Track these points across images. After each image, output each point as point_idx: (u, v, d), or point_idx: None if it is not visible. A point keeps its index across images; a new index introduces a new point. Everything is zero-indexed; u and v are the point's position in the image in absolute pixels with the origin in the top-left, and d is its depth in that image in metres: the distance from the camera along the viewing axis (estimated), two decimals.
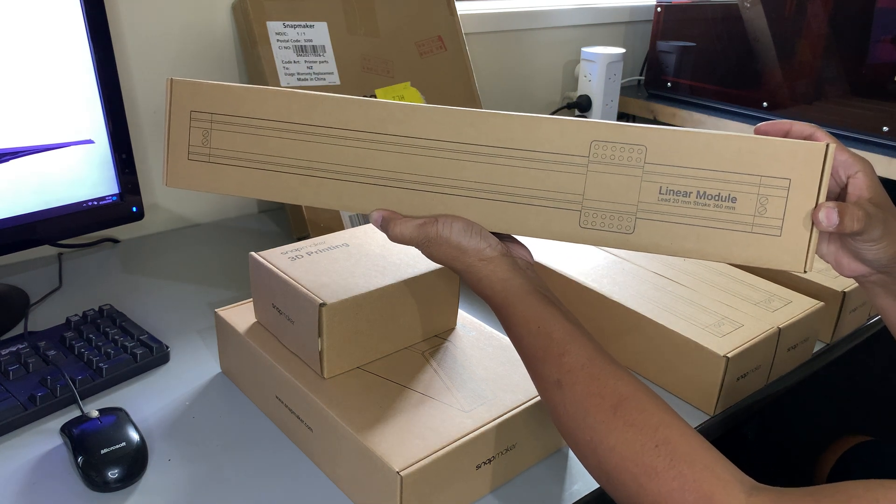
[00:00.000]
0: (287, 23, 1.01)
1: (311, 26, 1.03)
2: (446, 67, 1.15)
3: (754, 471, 0.45)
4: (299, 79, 1.01)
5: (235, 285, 0.92)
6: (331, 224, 0.99)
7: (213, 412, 0.68)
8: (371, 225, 0.74)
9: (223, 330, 0.72)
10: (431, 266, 0.67)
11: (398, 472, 0.52)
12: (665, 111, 1.52)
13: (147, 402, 0.69)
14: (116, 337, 0.75)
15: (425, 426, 0.57)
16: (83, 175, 0.84)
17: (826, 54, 1.29)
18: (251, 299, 0.71)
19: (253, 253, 0.69)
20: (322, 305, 0.60)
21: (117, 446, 0.60)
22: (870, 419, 1.20)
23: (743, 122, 1.40)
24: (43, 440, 0.64)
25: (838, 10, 1.27)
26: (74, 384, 0.67)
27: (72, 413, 0.66)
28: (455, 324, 0.72)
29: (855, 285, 0.84)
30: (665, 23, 1.52)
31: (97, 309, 0.79)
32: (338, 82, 1.04)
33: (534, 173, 0.55)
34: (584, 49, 1.45)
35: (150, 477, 0.60)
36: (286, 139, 0.58)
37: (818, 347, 0.85)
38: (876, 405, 1.23)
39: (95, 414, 0.63)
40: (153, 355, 0.74)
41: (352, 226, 1.01)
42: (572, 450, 0.50)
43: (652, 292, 0.79)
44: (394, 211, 0.57)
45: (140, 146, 1.01)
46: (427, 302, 0.68)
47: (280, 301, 0.65)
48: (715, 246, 0.53)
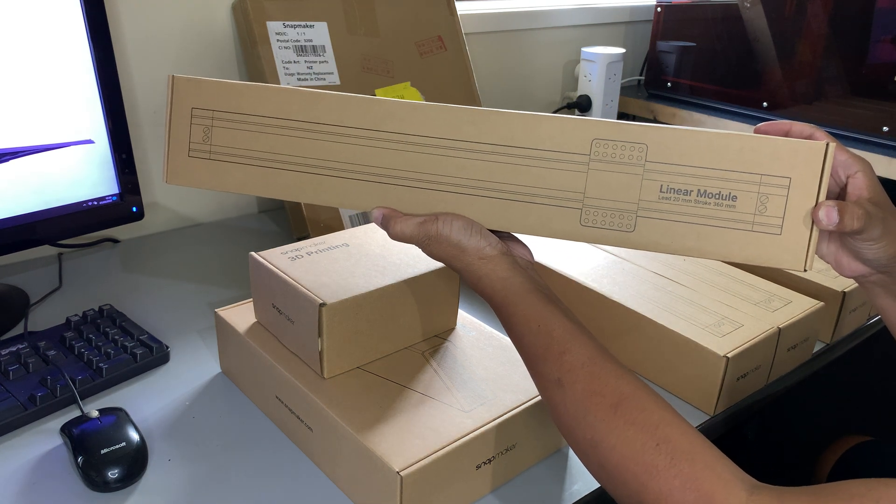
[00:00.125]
0: (287, 23, 1.01)
1: (311, 26, 1.03)
2: (446, 67, 1.15)
3: (754, 471, 0.45)
4: (299, 79, 1.01)
5: (235, 285, 0.92)
6: (331, 224, 0.99)
7: (213, 412, 0.69)
8: (371, 225, 0.75)
9: (223, 330, 0.72)
10: (431, 266, 0.67)
11: (398, 472, 0.52)
12: (665, 111, 1.52)
13: (147, 402, 0.69)
14: (116, 337, 0.75)
15: (425, 426, 0.57)
16: (83, 175, 0.84)
17: (826, 54, 1.29)
18: (251, 299, 0.71)
19: (253, 253, 0.69)
20: (322, 305, 0.60)
21: (117, 446, 0.60)
22: (870, 419, 1.20)
23: (743, 122, 1.40)
24: (43, 440, 0.64)
25: (838, 10, 1.27)
26: (74, 384, 0.68)
27: (72, 413, 0.66)
28: (455, 324, 0.72)
29: (855, 285, 0.84)
30: (665, 23, 1.53)
31: (97, 309, 0.79)
32: (338, 82, 1.04)
33: (535, 171, 0.55)
34: (584, 49, 1.45)
35: (150, 477, 0.60)
36: (287, 136, 0.58)
37: (818, 347, 0.85)
38: (876, 405, 1.23)
39: (95, 414, 0.63)
40: (153, 355, 0.74)
41: (352, 225, 1.01)
42: (572, 449, 0.50)
43: (652, 292, 0.79)
44: (394, 209, 0.57)
45: (140, 146, 1.01)
46: (427, 302, 0.68)
47: (280, 301, 0.65)
48: (715, 244, 0.53)
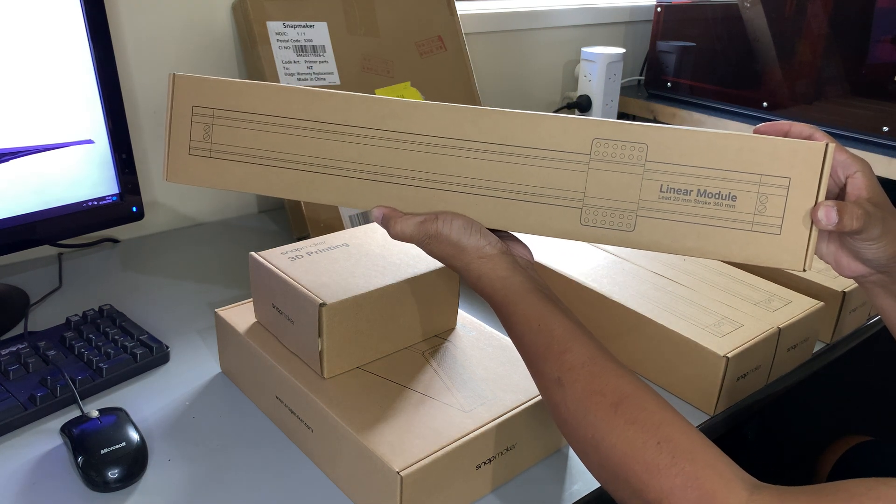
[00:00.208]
0: (287, 23, 1.01)
1: (311, 26, 1.03)
2: (446, 67, 1.15)
3: (754, 471, 0.45)
4: (299, 79, 1.01)
5: (235, 285, 0.92)
6: (331, 224, 0.99)
7: (213, 412, 0.68)
8: (371, 225, 0.75)
9: (223, 330, 0.72)
10: (431, 266, 0.67)
11: (398, 472, 0.52)
12: (665, 111, 1.52)
13: (147, 402, 0.69)
14: (116, 337, 0.75)
15: (425, 426, 0.57)
16: (83, 175, 0.84)
17: (826, 54, 1.29)
18: (251, 299, 0.71)
19: (253, 253, 0.69)
20: (322, 305, 0.60)
21: (117, 446, 0.60)
22: (870, 419, 1.20)
23: (743, 122, 1.40)
24: (43, 440, 0.64)
25: (838, 10, 1.27)
26: (74, 384, 0.68)
27: (72, 413, 0.66)
28: (455, 324, 0.72)
29: (855, 285, 0.84)
30: (665, 23, 1.52)
31: (97, 309, 0.79)
32: (338, 82, 1.04)
33: (535, 170, 0.55)
34: (584, 49, 1.45)
35: (150, 477, 0.60)
36: (288, 135, 0.58)
37: (818, 347, 0.85)
38: (876, 405, 1.23)
39: (95, 414, 0.63)
40: (153, 355, 0.74)
41: (352, 225, 1.01)
42: (573, 448, 0.50)
43: (652, 292, 0.79)
44: (394, 208, 0.57)
45: (140, 146, 1.01)
46: (427, 302, 0.68)
47: (280, 301, 0.65)
48: (715, 244, 0.53)
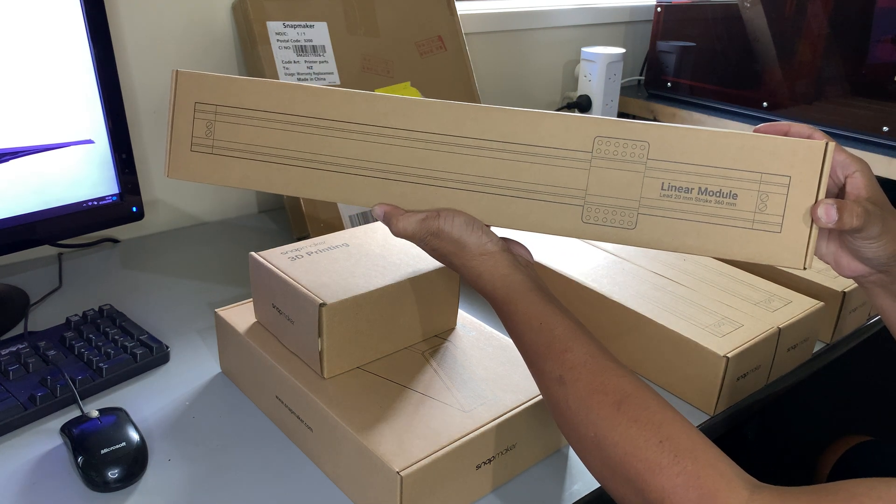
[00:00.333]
0: (287, 23, 1.01)
1: (311, 26, 1.03)
2: (446, 67, 1.15)
3: (754, 471, 0.45)
4: (299, 78, 1.01)
5: (235, 285, 0.92)
6: (331, 223, 0.99)
7: (213, 412, 0.68)
8: (371, 225, 0.75)
9: (223, 330, 0.72)
10: (431, 266, 0.67)
11: (398, 472, 0.52)
12: (665, 111, 1.52)
13: (147, 402, 0.69)
14: (116, 337, 0.75)
15: (425, 426, 0.57)
16: (83, 175, 0.84)
17: (826, 54, 1.29)
18: (251, 299, 0.71)
19: (253, 253, 0.69)
20: (322, 305, 0.60)
21: (117, 446, 0.60)
22: (870, 419, 1.20)
23: (743, 122, 1.40)
24: (43, 440, 0.64)
25: (838, 10, 1.27)
26: (74, 384, 0.67)
27: (72, 413, 0.66)
28: (455, 324, 0.72)
29: (855, 285, 0.84)
30: (665, 23, 1.52)
31: (97, 309, 0.79)
32: (338, 82, 1.04)
33: (536, 168, 0.55)
34: (584, 49, 1.45)
35: (150, 477, 0.60)
36: (290, 132, 0.58)
37: (818, 347, 0.85)
38: (876, 405, 1.23)
39: (95, 414, 0.63)
40: (153, 355, 0.74)
41: (352, 225, 1.01)
42: (573, 447, 0.50)
43: (652, 292, 0.79)
44: (395, 206, 0.57)
45: (140, 146, 1.01)
46: (427, 302, 0.68)
47: (280, 301, 0.65)
48: (715, 242, 0.53)
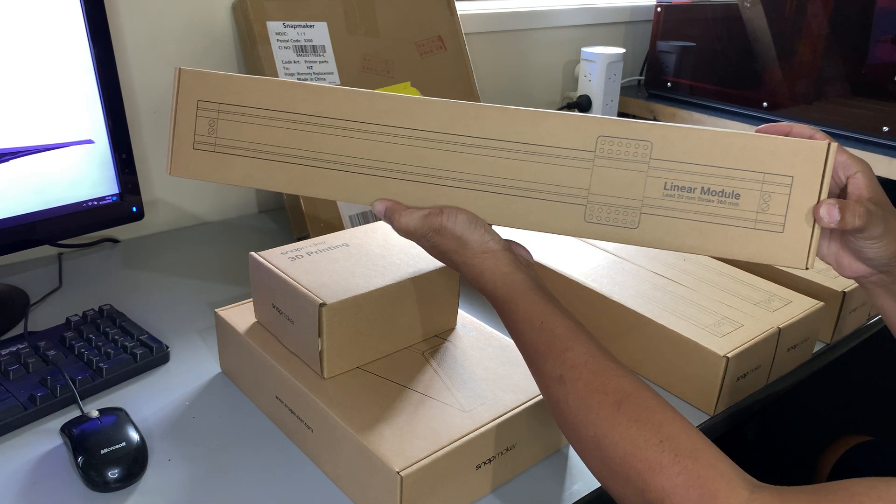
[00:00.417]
0: (287, 23, 1.01)
1: (311, 26, 1.03)
2: (446, 67, 1.15)
3: (754, 471, 0.45)
4: (299, 78, 1.01)
5: (235, 285, 0.92)
6: (331, 223, 0.99)
7: (213, 412, 0.68)
8: (371, 225, 0.75)
9: (223, 330, 0.72)
10: (431, 266, 0.67)
11: (398, 472, 0.52)
12: (665, 111, 1.52)
13: (147, 402, 0.69)
14: (116, 337, 0.75)
15: (425, 426, 0.57)
16: (83, 175, 0.84)
17: (826, 54, 1.29)
18: (251, 299, 0.71)
19: (253, 253, 0.69)
20: (322, 305, 0.60)
21: (117, 446, 0.60)
22: (870, 419, 1.20)
23: (743, 122, 1.40)
24: (43, 440, 0.64)
25: (838, 10, 1.27)
26: (74, 384, 0.67)
27: (72, 413, 0.66)
28: (455, 324, 0.72)
29: (855, 285, 0.84)
30: (665, 23, 1.52)
31: (97, 309, 0.79)
32: (338, 82, 1.04)
33: (539, 167, 0.55)
34: (584, 49, 1.45)
35: (150, 477, 0.60)
36: (292, 130, 0.58)
37: (818, 347, 0.85)
38: (876, 405, 1.23)
39: (95, 414, 0.63)
40: (153, 355, 0.74)
41: (352, 225, 1.01)
42: (573, 446, 0.50)
43: (652, 292, 0.79)
44: (397, 202, 0.57)
45: (140, 146, 1.01)
46: (427, 302, 0.68)
47: (280, 301, 0.65)
48: (718, 242, 0.53)
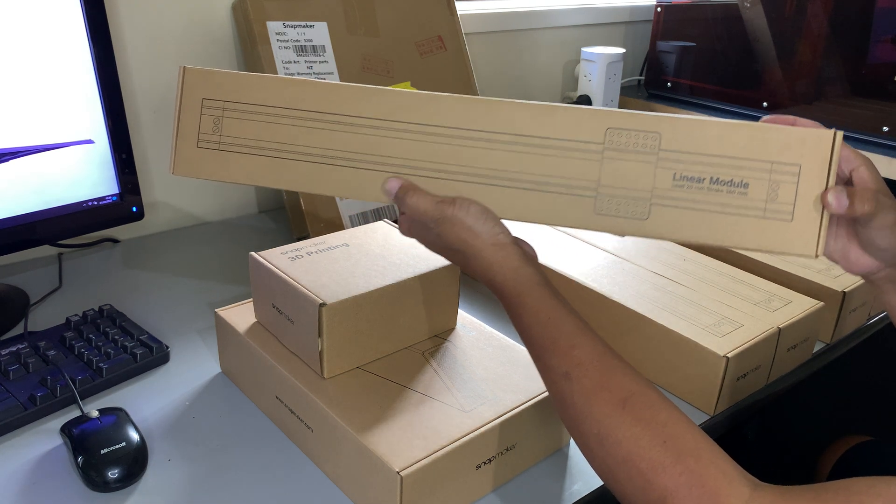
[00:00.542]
0: (287, 23, 1.01)
1: (311, 26, 1.03)
2: (446, 67, 1.15)
3: (754, 471, 0.45)
4: None
5: (235, 285, 0.92)
6: (331, 223, 0.99)
7: (213, 412, 0.68)
8: (371, 225, 0.75)
9: (223, 330, 0.72)
10: (431, 266, 0.67)
11: (398, 472, 0.52)
12: (665, 111, 1.51)
13: (147, 402, 0.69)
14: (116, 337, 0.75)
15: (425, 426, 0.57)
16: (83, 175, 0.84)
17: (826, 54, 1.29)
18: (251, 299, 0.71)
19: (253, 253, 0.69)
20: (322, 305, 0.60)
21: (117, 446, 0.60)
22: (870, 419, 1.20)
23: None
24: (43, 440, 0.64)
25: (838, 10, 1.27)
26: (74, 384, 0.67)
27: (72, 413, 0.66)
28: (455, 324, 0.72)
29: (855, 285, 0.84)
30: (665, 23, 1.53)
31: (97, 309, 0.79)
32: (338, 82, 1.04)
33: (548, 160, 0.55)
34: (584, 49, 1.45)
35: (150, 477, 0.60)
36: (299, 127, 0.58)
37: (818, 347, 0.85)
38: (876, 405, 1.23)
39: (95, 414, 0.63)
40: (153, 355, 0.74)
41: (352, 225, 1.01)
42: (576, 442, 0.50)
43: (652, 292, 0.79)
44: (412, 182, 0.57)
45: (140, 146, 1.01)
46: (427, 302, 0.68)
47: (280, 301, 0.65)
48: (728, 232, 0.53)
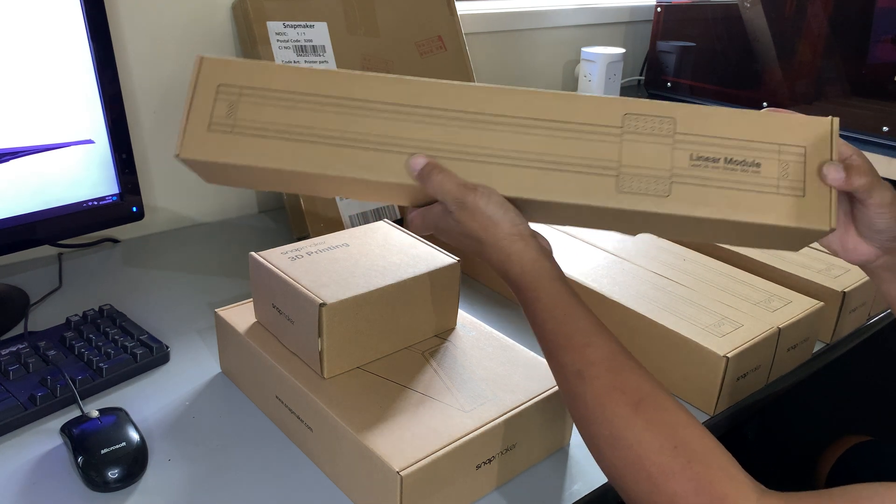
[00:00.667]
0: (287, 23, 1.01)
1: (311, 26, 1.03)
2: (446, 67, 1.15)
3: (754, 471, 0.45)
4: None
5: (235, 285, 0.92)
6: (331, 223, 0.99)
7: (213, 412, 0.69)
8: (371, 225, 0.75)
9: (223, 330, 0.72)
10: (431, 266, 0.67)
11: (398, 472, 0.52)
12: None
13: (147, 402, 0.69)
14: (116, 337, 0.75)
15: (425, 426, 0.57)
16: (83, 175, 0.84)
17: (826, 54, 1.29)
18: (251, 299, 0.71)
19: (253, 253, 0.69)
20: (322, 305, 0.60)
21: (117, 446, 0.60)
22: (870, 419, 1.20)
23: None
24: (43, 440, 0.64)
25: (838, 10, 1.27)
26: (74, 384, 0.68)
27: (72, 413, 0.66)
28: (455, 324, 0.72)
29: (855, 285, 0.84)
30: (665, 23, 1.53)
31: (97, 309, 0.79)
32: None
33: (569, 142, 0.56)
34: (584, 49, 1.45)
35: (150, 477, 0.60)
36: (319, 112, 0.58)
37: (818, 347, 0.85)
38: (876, 405, 1.23)
39: (95, 414, 0.63)
40: (153, 355, 0.74)
41: (352, 225, 1.01)
42: (585, 441, 0.50)
43: (652, 292, 0.79)
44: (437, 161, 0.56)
45: (140, 146, 1.01)
46: (427, 302, 0.68)
47: (280, 301, 0.65)
48: (746, 207, 0.55)
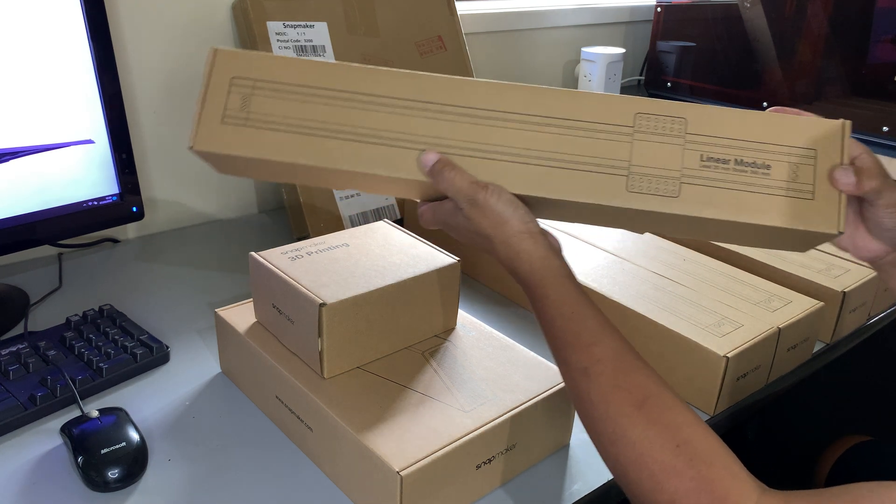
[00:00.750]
0: (287, 23, 1.01)
1: (311, 26, 1.03)
2: (446, 67, 1.15)
3: (754, 471, 0.45)
4: None
5: (235, 285, 0.92)
6: (331, 223, 0.99)
7: (213, 412, 0.69)
8: (371, 225, 0.75)
9: (223, 330, 0.72)
10: (431, 266, 0.67)
11: (398, 472, 0.52)
12: None
13: (147, 402, 0.69)
14: (116, 337, 0.75)
15: (425, 426, 0.57)
16: (83, 175, 0.84)
17: (826, 54, 1.29)
18: (251, 299, 0.71)
19: (253, 253, 0.69)
20: (322, 305, 0.60)
21: (117, 446, 0.60)
22: (870, 419, 1.20)
23: None
24: (43, 440, 0.64)
25: (838, 10, 1.27)
26: (74, 384, 0.68)
27: (72, 413, 0.66)
28: (455, 324, 0.72)
29: (855, 285, 0.84)
30: (665, 23, 1.53)
31: (97, 309, 0.79)
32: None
33: (580, 141, 0.56)
34: (584, 49, 1.45)
35: (150, 477, 0.60)
36: (333, 106, 0.58)
37: (818, 347, 0.85)
38: (876, 405, 1.23)
39: (95, 414, 0.63)
40: (153, 355, 0.74)
41: (352, 225, 1.01)
42: (591, 438, 0.50)
43: (652, 292, 0.79)
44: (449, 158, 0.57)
45: (140, 146, 1.01)
46: (427, 302, 0.68)
47: (280, 301, 0.65)
48: (755, 209, 0.55)
